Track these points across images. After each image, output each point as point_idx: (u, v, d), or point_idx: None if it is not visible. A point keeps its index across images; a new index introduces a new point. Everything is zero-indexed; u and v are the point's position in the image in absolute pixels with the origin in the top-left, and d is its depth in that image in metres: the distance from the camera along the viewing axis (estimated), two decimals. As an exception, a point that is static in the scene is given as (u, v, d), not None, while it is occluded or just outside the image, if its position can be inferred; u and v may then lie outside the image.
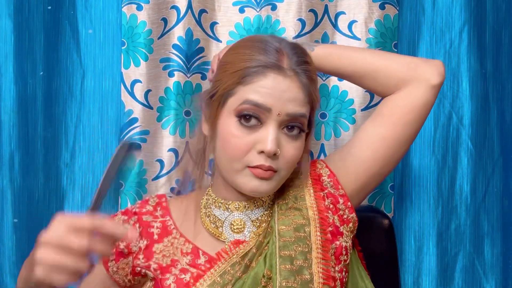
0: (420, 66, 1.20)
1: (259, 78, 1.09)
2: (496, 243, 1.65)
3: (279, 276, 1.10)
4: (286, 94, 1.09)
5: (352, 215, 1.20)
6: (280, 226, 1.16)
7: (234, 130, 1.10)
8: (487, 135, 1.65)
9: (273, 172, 1.11)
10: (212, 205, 1.19)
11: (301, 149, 1.15)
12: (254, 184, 1.11)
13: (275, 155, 1.09)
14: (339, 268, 1.15)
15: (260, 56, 1.10)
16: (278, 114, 1.09)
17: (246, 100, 1.09)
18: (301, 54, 1.14)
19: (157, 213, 1.22)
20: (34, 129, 1.56)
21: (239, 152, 1.10)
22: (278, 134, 1.10)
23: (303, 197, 1.20)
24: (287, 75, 1.09)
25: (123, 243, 1.17)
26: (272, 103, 1.08)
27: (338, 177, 1.21)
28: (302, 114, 1.11)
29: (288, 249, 1.13)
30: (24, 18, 1.55)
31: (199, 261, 1.14)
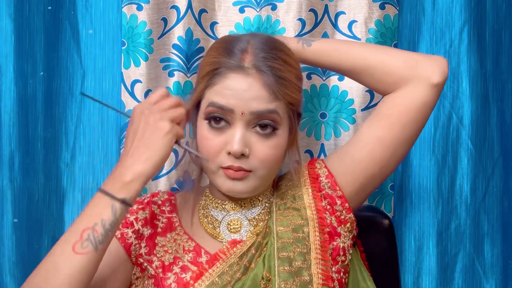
0: (421, 63, 1.17)
1: (221, 80, 1.10)
2: (496, 243, 1.65)
3: (278, 278, 1.10)
4: (247, 93, 1.09)
5: (350, 215, 1.20)
6: (278, 227, 1.16)
7: (205, 132, 1.12)
8: (487, 135, 1.65)
9: (246, 172, 1.11)
10: (209, 206, 1.20)
11: (279, 147, 1.13)
12: (228, 185, 1.12)
13: (243, 155, 1.09)
14: (336, 269, 1.15)
15: (222, 58, 1.11)
16: (242, 113, 1.09)
17: (210, 103, 1.10)
18: (272, 50, 1.12)
19: (165, 208, 1.23)
20: (34, 129, 1.56)
21: (210, 153, 1.11)
22: (247, 134, 1.10)
23: (301, 196, 1.20)
24: (248, 74, 1.09)
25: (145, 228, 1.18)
26: (233, 104, 1.08)
27: (336, 178, 1.20)
28: (270, 111, 1.10)
29: (287, 251, 1.13)
30: (25, 18, 1.55)
31: (200, 259, 1.15)
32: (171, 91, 1.52)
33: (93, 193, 1.55)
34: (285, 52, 1.15)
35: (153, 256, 1.16)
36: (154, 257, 1.16)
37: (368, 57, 1.20)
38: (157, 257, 1.16)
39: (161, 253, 1.16)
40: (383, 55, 1.20)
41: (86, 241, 0.98)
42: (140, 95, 1.52)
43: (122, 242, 1.17)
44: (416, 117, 1.18)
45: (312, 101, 1.58)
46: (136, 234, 1.18)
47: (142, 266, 1.16)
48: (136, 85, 1.53)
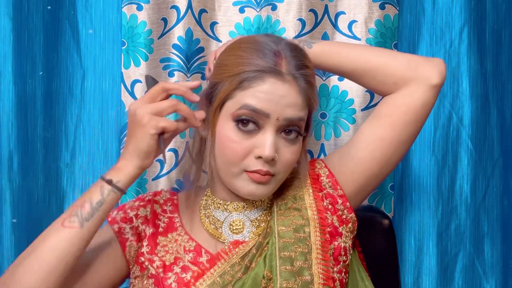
0: (421, 65, 1.18)
1: (257, 83, 1.08)
2: (496, 243, 1.65)
3: (280, 277, 1.10)
4: (284, 99, 1.08)
5: (351, 215, 1.20)
6: (280, 227, 1.16)
7: (231, 134, 1.10)
8: (487, 135, 1.65)
9: (271, 177, 1.11)
10: (211, 206, 1.19)
11: (298, 152, 1.15)
12: (251, 188, 1.11)
13: (273, 160, 1.09)
14: (338, 269, 1.15)
15: (258, 60, 1.09)
16: (277, 119, 1.08)
17: (244, 105, 1.08)
18: (301, 57, 1.12)
19: (167, 207, 1.23)
20: (34, 129, 1.56)
21: (236, 156, 1.10)
22: (276, 139, 1.10)
23: (302, 197, 1.20)
24: (285, 80, 1.09)
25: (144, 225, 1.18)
26: (270, 109, 1.08)
27: (337, 177, 1.20)
28: (301, 118, 1.11)
29: (288, 250, 1.13)
30: (24, 18, 1.55)
31: (200, 259, 1.15)
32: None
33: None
34: (307, 58, 1.15)
35: (154, 256, 1.16)
36: (155, 256, 1.16)
37: (369, 59, 1.21)
38: (158, 257, 1.16)
39: (162, 252, 1.16)
40: (384, 57, 1.21)
41: (74, 216, 1.03)
42: (140, 95, 1.52)
43: (118, 236, 1.17)
44: (416, 117, 1.19)
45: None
46: (133, 231, 1.18)
47: (143, 265, 1.16)
48: (136, 85, 1.53)
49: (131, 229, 1.18)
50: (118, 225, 1.18)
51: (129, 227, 1.18)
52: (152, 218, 1.20)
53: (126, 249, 1.17)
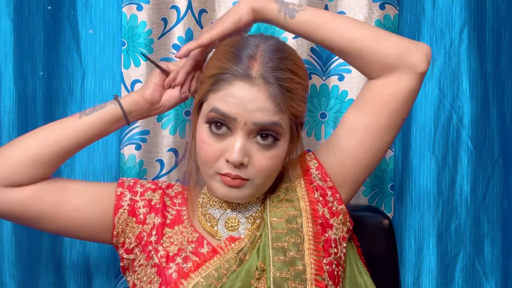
0: (410, 52, 1.15)
1: (226, 86, 1.08)
2: (496, 243, 1.65)
3: (273, 267, 1.11)
4: (252, 104, 1.07)
5: (341, 207, 1.20)
6: (272, 218, 1.16)
7: (205, 136, 1.11)
8: (487, 135, 1.65)
9: (243, 181, 1.10)
10: (207, 204, 1.20)
11: (278, 158, 1.13)
12: (224, 191, 1.12)
13: (242, 164, 1.09)
14: (328, 261, 1.15)
15: (230, 64, 1.09)
16: (244, 123, 1.08)
17: (213, 108, 1.09)
18: (280, 60, 1.10)
19: (176, 200, 1.24)
20: (34, 129, 1.56)
21: (208, 158, 1.11)
22: (248, 143, 1.09)
23: (294, 188, 1.20)
24: (254, 84, 1.07)
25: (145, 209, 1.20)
26: (237, 113, 1.07)
27: (326, 169, 1.20)
28: (273, 123, 1.09)
29: (281, 241, 1.13)
30: (24, 18, 1.55)
31: (201, 250, 1.16)
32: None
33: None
34: (293, 62, 1.13)
35: (159, 245, 1.18)
36: (160, 246, 1.17)
37: (358, 40, 1.16)
38: (163, 247, 1.17)
39: (167, 243, 1.18)
40: (373, 41, 1.16)
41: (79, 112, 1.21)
42: (140, 95, 1.52)
43: (117, 199, 1.19)
44: (403, 105, 1.17)
45: (312, 101, 1.58)
46: (131, 203, 1.20)
47: (149, 254, 1.17)
48: (136, 85, 1.53)
49: (130, 200, 1.20)
50: (122, 190, 1.21)
51: (129, 197, 1.20)
52: (161, 209, 1.21)
53: (117, 213, 1.19)
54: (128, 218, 1.19)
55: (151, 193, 1.22)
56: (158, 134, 1.55)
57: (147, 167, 1.55)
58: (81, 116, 1.19)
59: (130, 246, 1.20)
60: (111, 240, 1.21)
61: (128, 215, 1.19)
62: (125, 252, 1.21)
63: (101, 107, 1.20)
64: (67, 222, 1.19)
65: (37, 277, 1.56)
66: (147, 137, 1.54)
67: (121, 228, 1.20)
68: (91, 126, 1.19)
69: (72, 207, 1.18)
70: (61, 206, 1.18)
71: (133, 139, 1.53)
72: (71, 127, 1.18)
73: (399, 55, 1.15)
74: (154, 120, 1.54)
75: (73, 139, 1.18)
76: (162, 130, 1.54)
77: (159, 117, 1.54)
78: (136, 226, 1.20)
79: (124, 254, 1.21)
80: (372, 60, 1.16)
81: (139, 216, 1.20)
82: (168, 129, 1.54)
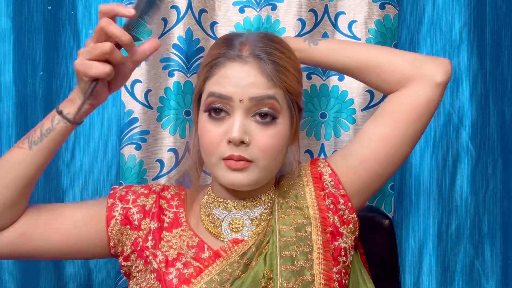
0: (426, 63, 1.18)
1: (219, 69, 1.11)
2: (496, 243, 1.65)
3: (280, 277, 1.10)
4: (245, 79, 1.10)
5: (353, 216, 1.19)
6: (281, 225, 1.15)
7: (206, 124, 1.12)
8: (487, 135, 1.65)
9: (247, 162, 1.10)
10: (211, 205, 1.20)
11: (280, 136, 1.13)
12: (230, 177, 1.11)
13: (243, 143, 1.09)
14: (337, 269, 1.15)
15: (221, 50, 1.12)
16: (240, 100, 1.09)
17: (210, 93, 1.11)
18: (270, 42, 1.14)
19: (173, 202, 1.23)
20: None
21: (211, 145, 1.11)
22: (247, 122, 1.10)
23: (303, 195, 1.19)
24: (246, 62, 1.10)
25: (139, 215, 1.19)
26: (231, 91, 1.09)
27: (339, 177, 1.20)
28: (269, 96, 1.10)
29: (289, 249, 1.12)
30: (24, 18, 1.55)
31: (202, 255, 1.15)
32: (170, 90, 1.52)
33: (93, 193, 1.56)
34: (282, 45, 1.16)
35: (157, 250, 1.17)
36: (158, 251, 1.17)
37: (375, 57, 1.20)
38: (162, 252, 1.16)
39: (165, 247, 1.17)
40: (389, 55, 1.21)
41: (26, 139, 1.12)
42: (140, 95, 1.52)
43: (108, 211, 1.19)
44: (420, 116, 1.18)
45: (312, 101, 1.58)
46: (123, 212, 1.19)
47: (147, 260, 1.17)
48: (136, 85, 1.52)
49: (122, 209, 1.19)
50: (113, 201, 1.20)
51: (121, 206, 1.19)
52: (157, 213, 1.20)
53: (109, 224, 1.18)
54: (121, 227, 1.19)
55: (144, 199, 1.21)
56: (158, 134, 1.54)
57: (147, 167, 1.54)
58: (31, 147, 1.11)
59: (127, 253, 1.19)
60: (109, 252, 1.21)
61: (120, 225, 1.18)
62: (123, 259, 1.20)
63: (49, 130, 1.11)
64: (61, 249, 1.18)
65: (37, 277, 1.56)
66: (147, 137, 1.54)
67: (116, 238, 1.19)
68: (44, 152, 1.12)
69: (63, 235, 1.17)
70: (51, 236, 1.16)
71: (133, 139, 1.53)
72: (24, 162, 1.12)
73: (415, 65, 1.17)
74: (154, 120, 1.54)
75: (28, 171, 1.12)
76: (162, 130, 1.54)
77: (159, 117, 1.53)
78: (132, 233, 1.19)
79: (123, 262, 1.20)
80: (389, 73, 1.18)
81: (134, 223, 1.19)
82: (168, 129, 1.54)
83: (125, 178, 1.52)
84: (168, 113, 1.53)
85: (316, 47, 1.22)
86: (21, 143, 1.13)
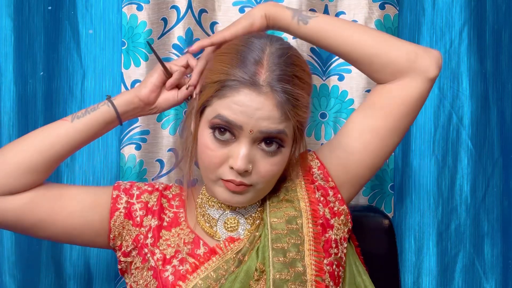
0: (420, 57, 1.16)
1: (232, 93, 1.07)
2: (496, 243, 1.65)
3: (273, 269, 1.11)
4: (259, 112, 1.06)
5: (343, 207, 1.20)
6: (272, 218, 1.16)
7: (208, 142, 1.10)
8: (487, 135, 1.65)
9: (247, 187, 1.10)
10: (206, 204, 1.20)
11: (281, 164, 1.13)
12: (226, 196, 1.12)
13: (246, 171, 1.08)
14: (329, 261, 1.15)
15: (236, 69, 1.07)
16: (250, 131, 1.07)
17: (218, 115, 1.08)
18: (288, 67, 1.09)
19: (174, 202, 1.23)
20: (34, 129, 1.56)
21: (212, 164, 1.10)
22: (252, 150, 1.09)
23: (294, 189, 1.20)
24: (261, 92, 1.06)
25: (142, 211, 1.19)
26: (243, 121, 1.06)
27: (328, 169, 1.20)
28: (279, 131, 1.08)
29: (281, 242, 1.13)
30: (24, 18, 1.55)
31: (198, 251, 1.16)
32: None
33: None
34: (301, 67, 1.12)
35: (155, 248, 1.17)
36: (157, 249, 1.17)
37: (368, 45, 1.17)
38: (160, 250, 1.17)
39: (163, 246, 1.17)
40: (384, 46, 1.17)
41: (71, 115, 1.18)
42: (140, 95, 1.52)
43: (112, 202, 1.18)
44: (411, 109, 1.18)
45: (312, 101, 1.57)
46: (127, 206, 1.19)
47: (145, 257, 1.17)
48: (136, 85, 1.52)
49: (126, 202, 1.19)
50: (118, 193, 1.20)
51: (125, 199, 1.19)
52: (158, 211, 1.20)
53: (113, 216, 1.18)
54: (124, 221, 1.18)
55: (147, 195, 1.21)
56: (158, 134, 1.55)
57: (147, 167, 1.55)
58: (73, 119, 1.16)
59: (128, 249, 1.19)
60: (108, 244, 1.21)
61: (124, 218, 1.18)
62: (123, 255, 1.20)
63: (94, 109, 1.17)
64: (64, 229, 1.17)
65: (37, 277, 1.56)
66: (147, 137, 1.54)
67: (117, 231, 1.19)
68: (84, 129, 1.17)
69: (69, 214, 1.17)
70: (57, 213, 1.16)
71: (133, 139, 1.53)
72: (63, 132, 1.16)
73: (410, 59, 1.15)
74: (154, 120, 1.54)
75: (66, 143, 1.16)
76: (162, 130, 1.54)
77: (159, 117, 1.54)
78: (133, 229, 1.19)
79: (122, 257, 1.20)
80: (382, 64, 1.16)
81: (136, 219, 1.19)
82: (168, 129, 1.54)
83: (125, 178, 1.53)
84: (168, 113, 1.53)
85: (306, 26, 1.17)
86: (65, 117, 1.18)
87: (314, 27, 1.17)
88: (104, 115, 1.17)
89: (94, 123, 1.17)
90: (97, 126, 1.18)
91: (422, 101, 1.18)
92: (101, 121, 1.17)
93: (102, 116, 1.17)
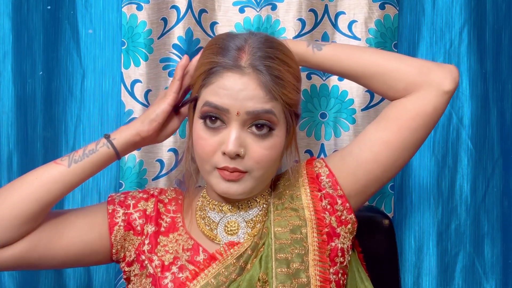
0: (433, 70, 1.16)
1: (217, 79, 1.09)
2: (496, 243, 1.65)
3: (276, 280, 1.10)
4: (243, 92, 1.07)
5: (351, 216, 1.19)
6: (276, 227, 1.15)
7: (200, 132, 1.11)
8: (487, 135, 1.65)
9: (241, 174, 1.10)
10: (206, 207, 1.19)
11: (275, 148, 1.12)
12: (223, 186, 1.11)
13: (238, 155, 1.08)
14: (334, 270, 1.14)
15: (218, 57, 1.09)
16: (237, 113, 1.07)
17: (206, 102, 1.09)
18: (270, 49, 1.10)
19: (171, 207, 1.22)
20: (33, 129, 1.56)
21: (205, 153, 1.10)
22: (243, 134, 1.09)
23: (299, 196, 1.19)
24: (244, 73, 1.08)
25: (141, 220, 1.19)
26: (229, 104, 1.07)
27: (337, 177, 1.19)
28: (266, 111, 1.08)
29: (285, 252, 1.12)
30: (23, 18, 1.55)
31: (198, 258, 1.15)
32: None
33: (93, 193, 1.56)
34: (283, 52, 1.13)
35: (153, 255, 1.16)
36: (155, 255, 1.16)
37: (381, 63, 1.18)
38: (158, 256, 1.16)
39: (161, 252, 1.16)
40: (395, 62, 1.18)
41: (66, 157, 1.14)
42: (140, 95, 1.52)
43: (110, 218, 1.17)
44: (425, 122, 1.16)
45: (312, 101, 1.57)
46: (126, 217, 1.18)
47: (143, 264, 1.16)
48: (136, 85, 1.53)
49: (124, 215, 1.18)
50: (113, 207, 1.19)
51: (122, 212, 1.18)
52: (155, 217, 1.20)
53: (113, 231, 1.17)
54: (125, 233, 1.18)
55: (144, 203, 1.21)
56: (158, 134, 1.54)
57: (147, 167, 1.54)
58: (71, 164, 1.12)
59: (131, 258, 1.19)
60: (111, 258, 1.20)
61: (124, 231, 1.18)
62: (126, 265, 1.19)
63: (92, 151, 1.14)
64: (66, 258, 1.17)
65: (37, 277, 1.56)
66: (147, 137, 1.54)
67: (120, 245, 1.18)
68: (82, 172, 1.13)
69: (67, 244, 1.16)
70: (56, 248, 1.15)
71: (133, 139, 1.52)
72: (59, 178, 1.12)
73: (422, 73, 1.16)
74: (154, 120, 1.54)
75: (63, 187, 1.13)
76: (162, 130, 1.54)
77: (159, 117, 1.53)
78: (135, 238, 1.18)
79: (126, 267, 1.19)
80: (395, 80, 1.16)
81: (136, 228, 1.18)
82: (168, 129, 1.53)
83: (125, 178, 1.52)
84: (168, 113, 1.53)
85: (320, 52, 1.19)
86: (60, 160, 1.14)
87: (328, 52, 1.20)
88: (104, 157, 1.14)
89: (93, 166, 1.14)
90: (96, 168, 1.15)
91: (437, 115, 1.17)
92: (100, 163, 1.15)
93: (101, 158, 1.14)
